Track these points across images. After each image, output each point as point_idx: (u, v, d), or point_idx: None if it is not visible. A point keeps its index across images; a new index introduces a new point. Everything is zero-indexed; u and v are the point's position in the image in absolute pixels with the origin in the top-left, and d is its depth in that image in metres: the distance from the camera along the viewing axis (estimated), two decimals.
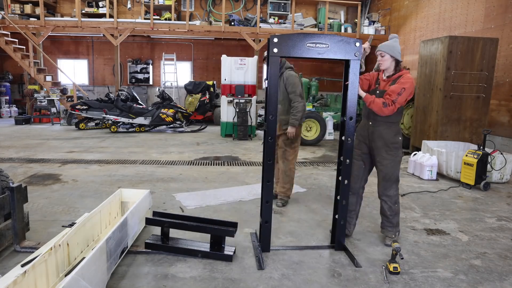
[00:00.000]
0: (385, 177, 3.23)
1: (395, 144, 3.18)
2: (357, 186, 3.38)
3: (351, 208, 3.38)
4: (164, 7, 13.28)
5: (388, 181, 3.23)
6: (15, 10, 12.10)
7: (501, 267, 2.95)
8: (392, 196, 3.27)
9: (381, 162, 3.22)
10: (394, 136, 3.18)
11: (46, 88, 11.63)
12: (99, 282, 2.31)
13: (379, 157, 3.22)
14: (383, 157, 3.19)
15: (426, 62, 7.20)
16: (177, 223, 3.08)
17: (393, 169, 3.21)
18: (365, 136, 3.31)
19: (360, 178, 3.38)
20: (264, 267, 2.81)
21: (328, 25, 12.97)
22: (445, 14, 9.65)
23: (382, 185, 3.28)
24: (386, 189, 3.26)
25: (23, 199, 3.01)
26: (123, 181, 5.10)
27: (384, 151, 3.19)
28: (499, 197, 4.92)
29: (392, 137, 3.17)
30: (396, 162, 3.21)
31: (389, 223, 3.32)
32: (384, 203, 3.30)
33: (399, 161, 3.25)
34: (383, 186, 3.27)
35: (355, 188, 3.37)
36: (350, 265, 2.90)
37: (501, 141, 7.44)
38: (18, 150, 7.12)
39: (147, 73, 14.74)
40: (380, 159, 3.21)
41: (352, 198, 3.38)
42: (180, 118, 10.48)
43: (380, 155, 3.21)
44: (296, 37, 2.78)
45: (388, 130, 3.16)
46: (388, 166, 3.19)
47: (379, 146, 3.19)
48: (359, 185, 3.39)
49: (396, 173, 3.23)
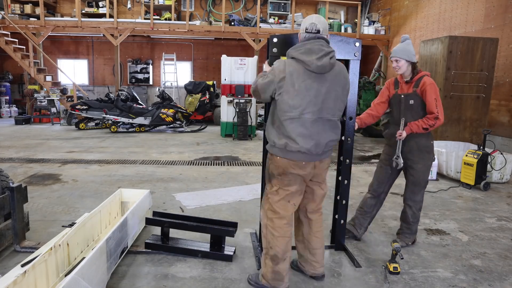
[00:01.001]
0: (414, 182, 3.18)
1: (427, 148, 3.13)
2: (380, 190, 3.35)
3: (367, 210, 3.36)
4: (164, 7, 13.28)
5: (417, 186, 3.18)
6: (15, 10, 12.10)
7: (501, 267, 2.95)
8: (418, 201, 3.22)
9: (412, 166, 3.15)
10: (426, 139, 3.13)
11: (46, 88, 11.63)
12: (99, 282, 2.31)
13: (410, 161, 3.15)
14: (414, 161, 3.13)
15: (426, 62, 7.20)
16: (177, 223, 3.08)
17: (424, 174, 3.15)
18: (394, 142, 3.21)
19: (385, 183, 3.34)
20: None
21: (328, 25, 12.95)
22: (445, 14, 9.66)
23: (410, 189, 3.22)
24: (414, 194, 3.20)
25: (23, 199, 3.01)
26: (123, 181, 5.10)
27: (416, 155, 3.12)
28: (499, 197, 4.92)
29: (425, 141, 3.12)
30: (427, 167, 3.16)
31: (408, 230, 3.26)
32: (409, 209, 3.23)
33: (430, 165, 3.20)
34: (411, 191, 3.22)
35: (378, 191, 3.35)
36: (350, 265, 2.90)
37: (501, 141, 7.44)
38: (18, 150, 7.12)
39: (147, 73, 14.74)
40: (411, 163, 3.15)
41: (371, 201, 3.36)
42: (180, 118, 10.48)
43: (411, 159, 3.14)
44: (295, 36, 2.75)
45: (421, 135, 3.10)
46: (419, 170, 3.13)
47: (412, 150, 3.13)
48: (382, 190, 3.35)
49: (426, 178, 3.18)
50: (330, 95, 2.33)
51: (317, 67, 2.25)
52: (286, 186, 2.42)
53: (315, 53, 2.26)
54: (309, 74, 2.27)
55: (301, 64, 2.28)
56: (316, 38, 2.34)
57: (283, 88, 2.28)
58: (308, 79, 2.27)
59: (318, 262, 2.64)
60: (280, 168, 2.40)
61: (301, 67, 2.28)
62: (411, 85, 3.11)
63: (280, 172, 2.42)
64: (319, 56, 2.25)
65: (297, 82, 2.26)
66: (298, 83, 2.26)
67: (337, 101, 2.37)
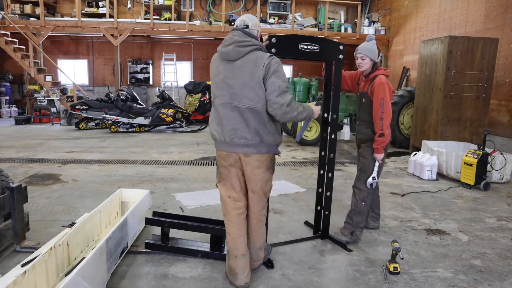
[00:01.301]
0: (361, 168, 3.32)
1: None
2: None
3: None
4: (164, 7, 13.28)
5: (363, 173, 3.29)
6: (15, 10, 12.10)
7: (501, 267, 2.96)
8: (362, 190, 3.27)
9: (362, 153, 3.35)
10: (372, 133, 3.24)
11: (46, 88, 11.63)
12: (99, 282, 2.31)
13: (361, 149, 3.37)
14: (363, 149, 3.32)
15: (426, 62, 7.20)
16: (177, 223, 3.08)
17: (370, 162, 3.25)
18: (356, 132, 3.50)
19: None
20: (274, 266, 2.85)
21: (328, 25, 12.96)
22: (445, 14, 9.65)
23: (357, 175, 3.36)
24: (358, 180, 3.32)
25: (23, 199, 3.01)
26: (123, 181, 5.10)
27: (365, 144, 3.31)
28: (499, 197, 4.92)
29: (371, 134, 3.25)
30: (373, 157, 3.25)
31: (349, 219, 3.32)
32: (353, 195, 3.36)
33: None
34: (357, 177, 3.35)
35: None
36: (349, 265, 2.90)
37: (501, 141, 7.44)
38: (18, 150, 7.12)
39: (147, 73, 14.74)
40: (361, 151, 3.36)
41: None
42: (180, 118, 10.48)
43: (362, 147, 3.35)
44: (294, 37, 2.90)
45: (369, 129, 3.27)
46: (366, 157, 3.27)
47: (365, 137, 3.32)
48: None
49: (371, 167, 3.25)
50: (237, 81, 2.37)
51: (221, 53, 2.43)
52: (222, 178, 2.55)
53: (224, 42, 2.45)
54: (221, 61, 2.46)
55: (219, 54, 2.48)
56: (234, 30, 2.48)
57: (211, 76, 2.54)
58: (220, 66, 2.46)
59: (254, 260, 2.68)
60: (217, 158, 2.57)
61: (217, 56, 2.51)
62: (367, 83, 3.27)
63: (218, 165, 2.59)
64: (226, 44, 2.42)
65: (214, 69, 2.50)
66: (214, 71, 2.50)
67: (244, 88, 2.36)
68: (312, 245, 3.27)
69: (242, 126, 2.39)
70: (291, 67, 15.35)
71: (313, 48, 2.92)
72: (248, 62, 2.35)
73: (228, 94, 2.39)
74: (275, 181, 5.18)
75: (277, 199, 4.47)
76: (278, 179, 5.42)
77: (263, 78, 2.34)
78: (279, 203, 4.33)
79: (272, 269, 2.80)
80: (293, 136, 8.52)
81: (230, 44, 2.38)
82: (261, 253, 2.69)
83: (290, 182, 5.29)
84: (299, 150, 7.91)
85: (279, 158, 7.02)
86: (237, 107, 2.38)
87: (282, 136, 2.95)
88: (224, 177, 2.51)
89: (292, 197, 4.61)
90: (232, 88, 2.38)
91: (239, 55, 2.36)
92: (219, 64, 2.46)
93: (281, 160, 6.82)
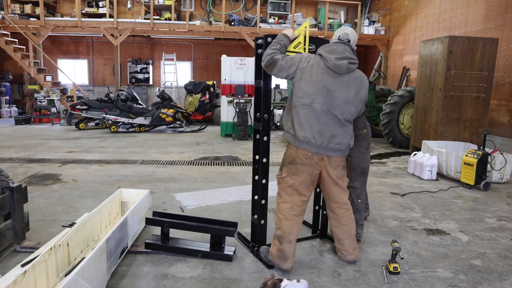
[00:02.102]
0: (350, 167, 3.31)
1: (359, 136, 3.22)
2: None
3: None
4: (164, 7, 13.28)
5: (353, 171, 3.29)
6: (15, 10, 12.10)
7: (501, 267, 2.96)
8: (355, 188, 3.28)
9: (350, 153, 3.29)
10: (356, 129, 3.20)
11: (46, 88, 11.63)
12: (99, 282, 2.31)
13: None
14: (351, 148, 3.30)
15: (426, 62, 7.20)
16: (177, 223, 3.08)
17: (358, 160, 3.26)
18: None
19: None
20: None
21: (328, 25, 12.97)
22: (445, 14, 9.66)
23: (349, 175, 3.33)
24: (351, 180, 3.31)
25: (23, 199, 3.01)
26: (123, 181, 5.10)
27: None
28: (499, 197, 4.92)
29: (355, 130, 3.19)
30: (360, 153, 3.26)
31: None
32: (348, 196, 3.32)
33: (364, 153, 3.29)
34: (349, 176, 3.32)
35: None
36: (349, 265, 2.90)
37: (501, 141, 7.44)
38: (18, 150, 7.12)
39: (147, 73, 14.74)
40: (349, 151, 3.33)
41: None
42: (180, 118, 10.48)
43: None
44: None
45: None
46: (353, 156, 3.26)
47: None
48: None
49: (361, 164, 3.26)
50: (342, 95, 2.58)
51: (334, 65, 2.54)
52: (293, 175, 2.67)
53: (336, 53, 2.56)
54: (327, 70, 2.56)
55: (323, 60, 2.58)
56: (342, 43, 2.66)
57: (303, 75, 2.58)
58: (325, 74, 2.55)
59: (347, 250, 2.90)
60: (290, 157, 2.68)
61: (322, 62, 2.58)
62: None
63: (289, 161, 2.69)
64: (339, 57, 2.55)
65: (315, 73, 2.55)
66: (315, 74, 2.55)
67: (348, 103, 2.61)
68: (311, 244, 3.27)
69: (341, 134, 2.64)
70: None
71: (310, 48, 2.94)
72: (354, 80, 2.62)
73: (330, 103, 2.57)
74: (274, 181, 5.20)
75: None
76: None
77: (364, 98, 2.73)
78: None
79: (272, 269, 2.80)
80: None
81: (344, 59, 2.55)
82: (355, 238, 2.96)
83: None
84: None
85: (279, 157, 7.02)
86: (336, 117, 2.60)
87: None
88: (297, 173, 2.66)
89: None
90: (335, 99, 2.57)
91: (348, 71, 2.58)
92: (324, 72, 2.56)
93: (281, 159, 6.81)
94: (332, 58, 2.53)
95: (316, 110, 2.56)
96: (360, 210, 3.31)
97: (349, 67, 2.56)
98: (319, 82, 2.54)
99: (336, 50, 2.57)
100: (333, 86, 2.55)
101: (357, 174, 3.28)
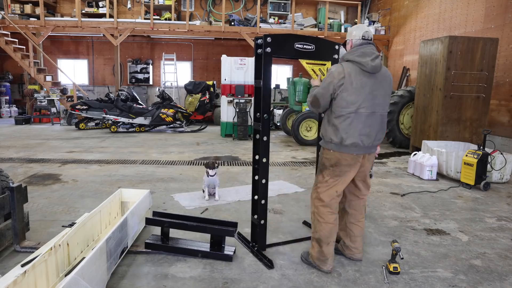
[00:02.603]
0: None
1: None
2: None
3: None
4: (164, 7, 13.28)
5: None
6: (15, 10, 12.10)
7: (501, 267, 2.95)
8: None
9: None
10: None
11: (46, 88, 11.63)
12: (99, 282, 2.31)
13: None
14: None
15: (426, 62, 7.20)
16: (177, 223, 3.08)
17: None
18: None
19: None
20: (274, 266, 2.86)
21: (328, 25, 12.97)
22: (445, 14, 9.66)
23: None
24: None
25: (23, 199, 3.01)
26: (123, 181, 5.10)
27: None
28: (499, 197, 4.92)
29: None
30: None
31: None
32: None
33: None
34: None
35: None
36: (349, 265, 2.90)
37: (501, 141, 7.44)
38: (18, 150, 7.12)
39: (147, 73, 14.74)
40: None
41: None
42: (180, 118, 10.48)
43: None
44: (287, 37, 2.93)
45: None
46: None
47: None
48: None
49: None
50: (380, 92, 2.66)
51: (372, 67, 2.59)
52: (337, 176, 2.72)
53: (368, 56, 2.61)
54: (364, 74, 2.60)
55: (357, 65, 2.61)
56: (368, 43, 2.69)
57: (343, 86, 2.58)
58: (363, 78, 2.60)
59: (357, 248, 2.96)
60: (332, 160, 2.71)
61: (357, 68, 2.61)
62: None
63: (332, 163, 2.72)
64: (372, 58, 2.61)
65: (354, 80, 2.58)
66: (355, 82, 2.58)
67: (386, 97, 2.72)
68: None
69: (382, 130, 2.75)
70: (291, 67, 15.35)
71: (309, 48, 2.97)
72: (384, 74, 2.71)
73: (373, 104, 2.64)
74: (274, 181, 5.21)
75: (277, 199, 4.47)
76: (277, 179, 5.42)
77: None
78: (278, 203, 4.33)
79: (272, 269, 2.80)
80: (293, 136, 8.53)
81: (376, 58, 2.62)
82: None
83: (290, 182, 5.29)
84: (299, 150, 7.91)
85: (279, 158, 7.02)
86: (380, 115, 2.70)
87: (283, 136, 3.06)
88: (341, 174, 2.71)
89: (291, 197, 4.61)
90: (377, 98, 2.65)
91: (381, 67, 2.66)
92: (361, 76, 2.59)
93: (281, 160, 6.82)
94: (368, 61, 2.58)
95: (362, 115, 2.62)
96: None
97: (381, 64, 2.67)
98: (360, 88, 2.59)
99: (366, 53, 2.62)
100: (373, 87, 2.63)
101: None
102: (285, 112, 10.15)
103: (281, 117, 10.21)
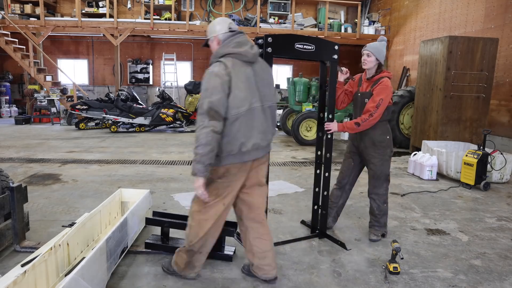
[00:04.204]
0: (374, 176, 3.32)
1: (382, 143, 3.24)
2: (344, 181, 3.51)
3: (334, 200, 3.52)
4: (164, 7, 13.28)
5: (377, 180, 3.32)
6: (15, 10, 12.10)
7: (501, 267, 2.96)
8: (381, 194, 3.34)
9: (370, 160, 3.31)
10: (380, 135, 3.24)
11: (46, 88, 11.63)
12: (99, 282, 2.31)
13: (368, 156, 3.30)
14: (372, 155, 3.28)
15: (426, 62, 7.20)
16: (177, 223, 3.08)
17: (382, 167, 3.28)
18: (353, 137, 3.42)
19: (348, 175, 3.49)
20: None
21: (328, 25, 12.96)
22: (445, 14, 9.66)
23: (371, 183, 3.37)
24: (375, 187, 3.34)
25: (23, 199, 3.01)
26: (123, 181, 5.10)
27: (371, 150, 3.27)
28: (499, 197, 4.92)
29: (378, 136, 3.24)
30: (384, 161, 3.27)
31: (377, 222, 3.39)
32: (373, 202, 3.37)
33: (388, 160, 3.31)
34: (372, 184, 3.36)
35: (342, 183, 3.51)
36: (349, 265, 2.90)
37: (501, 141, 7.44)
38: (18, 150, 7.12)
39: (147, 73, 14.74)
40: (369, 158, 3.30)
41: (337, 192, 3.53)
42: (180, 118, 10.48)
43: (369, 154, 3.29)
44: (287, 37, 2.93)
45: (374, 130, 3.23)
46: (377, 164, 3.27)
47: (367, 145, 3.28)
48: (346, 181, 3.51)
49: (385, 172, 3.30)
50: (264, 82, 2.39)
51: (253, 56, 2.32)
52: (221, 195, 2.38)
53: (245, 44, 2.32)
54: (246, 65, 2.31)
55: (236, 57, 2.28)
56: (238, 33, 2.38)
57: (233, 83, 2.21)
58: (247, 69, 2.30)
59: (270, 265, 2.55)
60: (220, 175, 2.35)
61: (237, 60, 2.28)
62: (370, 84, 3.24)
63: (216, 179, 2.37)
64: (250, 45, 2.34)
65: (240, 74, 2.25)
66: (242, 75, 2.26)
67: (270, 87, 2.44)
68: (311, 244, 3.27)
69: (268, 126, 2.40)
70: (291, 67, 15.35)
71: (309, 48, 2.96)
72: (262, 63, 2.45)
73: (263, 96, 2.35)
74: (274, 180, 5.20)
75: (277, 199, 4.47)
76: (277, 178, 5.42)
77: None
78: (278, 203, 4.33)
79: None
80: (293, 136, 8.52)
81: (253, 46, 2.38)
82: None
83: (290, 182, 5.29)
84: (299, 150, 7.91)
85: (279, 158, 7.02)
86: (271, 107, 2.42)
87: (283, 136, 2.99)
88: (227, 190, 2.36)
89: (291, 197, 4.61)
90: (263, 90, 2.36)
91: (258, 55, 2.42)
92: (244, 67, 2.28)
93: (281, 160, 6.82)
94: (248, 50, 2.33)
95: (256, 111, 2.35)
96: (386, 212, 3.39)
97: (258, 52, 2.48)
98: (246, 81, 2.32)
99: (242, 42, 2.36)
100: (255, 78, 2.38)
101: (381, 181, 3.31)
102: (285, 112, 10.14)
103: (281, 117, 10.21)
